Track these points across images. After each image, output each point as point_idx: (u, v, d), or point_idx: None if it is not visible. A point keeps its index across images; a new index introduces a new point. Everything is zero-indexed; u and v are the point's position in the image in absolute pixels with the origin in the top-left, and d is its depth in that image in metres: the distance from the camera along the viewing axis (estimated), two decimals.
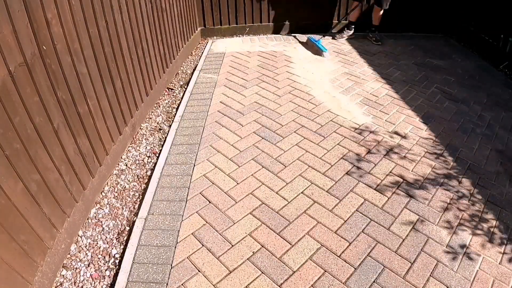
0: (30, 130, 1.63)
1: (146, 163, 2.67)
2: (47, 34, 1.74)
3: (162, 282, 1.81)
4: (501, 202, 2.32)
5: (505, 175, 2.55)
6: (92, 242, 2.07)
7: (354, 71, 3.97)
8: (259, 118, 3.09)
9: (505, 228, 2.14)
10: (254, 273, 1.86)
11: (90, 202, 2.21)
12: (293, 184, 2.41)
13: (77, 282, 1.86)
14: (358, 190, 2.37)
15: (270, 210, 2.22)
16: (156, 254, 1.95)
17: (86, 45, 2.12)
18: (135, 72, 2.84)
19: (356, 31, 5.04)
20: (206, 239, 2.04)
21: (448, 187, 2.42)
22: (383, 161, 2.63)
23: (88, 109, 2.16)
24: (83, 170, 2.11)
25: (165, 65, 3.59)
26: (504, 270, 1.90)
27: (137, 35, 2.85)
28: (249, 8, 4.80)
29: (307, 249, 1.98)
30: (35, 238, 1.65)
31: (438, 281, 1.83)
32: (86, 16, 2.10)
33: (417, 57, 4.37)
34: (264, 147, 2.75)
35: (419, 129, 3.01)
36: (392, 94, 3.53)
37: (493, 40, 4.33)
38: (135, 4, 2.81)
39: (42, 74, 1.71)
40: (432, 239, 2.05)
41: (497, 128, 3.06)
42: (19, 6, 1.54)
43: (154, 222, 2.14)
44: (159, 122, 3.16)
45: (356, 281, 1.82)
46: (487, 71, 4.07)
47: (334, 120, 3.09)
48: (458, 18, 4.86)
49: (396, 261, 1.92)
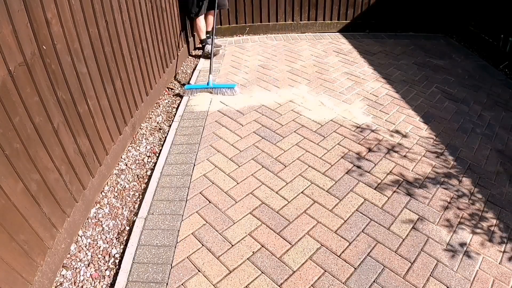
0: (30, 130, 1.63)
1: (146, 163, 2.67)
2: (47, 34, 1.74)
3: (162, 282, 1.81)
4: (501, 202, 2.32)
5: (505, 175, 2.55)
6: (92, 242, 2.07)
7: (354, 70, 3.97)
8: (259, 118, 3.09)
9: (505, 227, 2.14)
10: (254, 273, 1.86)
11: (90, 202, 2.21)
12: (293, 184, 2.41)
13: (77, 282, 1.86)
14: (358, 190, 2.37)
15: (270, 210, 2.22)
16: (156, 254, 1.95)
17: (86, 45, 2.12)
18: (135, 71, 2.84)
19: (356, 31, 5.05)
20: (206, 239, 2.04)
21: (448, 186, 2.42)
22: (383, 160, 2.63)
23: (88, 108, 2.16)
24: (83, 170, 2.11)
25: (165, 65, 3.58)
26: (504, 270, 1.90)
27: (137, 35, 2.85)
28: (249, 8, 4.81)
29: (307, 249, 1.98)
30: (35, 238, 1.65)
31: (438, 281, 1.82)
32: (86, 15, 2.10)
33: (417, 57, 4.37)
34: (264, 147, 2.75)
35: (419, 128, 3.01)
36: (392, 94, 3.52)
37: (493, 40, 4.33)
38: (135, 4, 2.81)
39: (42, 74, 1.71)
40: (432, 239, 2.05)
41: (497, 128, 3.06)
42: (19, 6, 1.54)
43: (154, 222, 2.14)
44: (159, 121, 3.16)
45: (356, 281, 1.82)
46: (487, 71, 4.07)
47: (334, 119, 3.09)
48: (458, 18, 4.86)
49: (396, 261, 1.92)
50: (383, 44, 4.71)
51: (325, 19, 5.00)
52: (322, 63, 4.14)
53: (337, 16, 4.98)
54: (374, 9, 4.92)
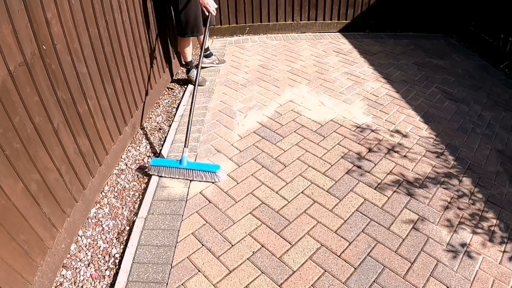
0: (30, 130, 1.63)
1: (146, 162, 2.67)
2: (47, 34, 1.74)
3: (162, 282, 1.81)
4: (501, 202, 2.32)
5: (505, 175, 2.55)
6: (92, 241, 2.07)
7: (354, 70, 3.97)
8: (259, 118, 3.09)
9: (505, 227, 2.14)
10: (254, 273, 1.86)
11: (90, 202, 2.21)
12: (293, 184, 2.41)
13: (77, 282, 1.86)
14: (358, 190, 2.37)
15: (270, 209, 2.22)
16: (156, 254, 1.95)
17: (86, 45, 2.12)
18: (135, 71, 2.84)
19: (356, 31, 5.05)
20: (206, 238, 2.04)
21: (448, 186, 2.42)
22: (383, 160, 2.63)
23: (88, 108, 2.16)
24: (83, 170, 2.11)
25: (165, 64, 3.58)
26: (504, 270, 1.90)
27: (137, 35, 2.85)
28: (249, 8, 4.80)
29: (307, 249, 1.98)
30: (35, 237, 1.65)
31: (438, 281, 1.82)
32: (86, 15, 2.10)
33: (417, 56, 4.37)
34: (264, 147, 2.75)
35: (419, 128, 3.01)
36: (392, 93, 3.52)
37: (493, 39, 4.33)
38: (135, 4, 2.81)
39: (42, 74, 1.71)
40: (432, 239, 2.05)
41: (497, 128, 3.06)
42: (19, 6, 1.54)
43: (154, 222, 2.14)
44: (159, 121, 3.16)
45: (356, 281, 1.82)
46: (487, 71, 4.07)
47: (334, 119, 3.09)
48: (458, 18, 4.86)
49: (396, 261, 1.92)
50: (383, 44, 4.71)
51: (325, 19, 4.99)
52: (322, 63, 4.14)
53: (337, 16, 4.98)
54: (374, 9, 4.92)
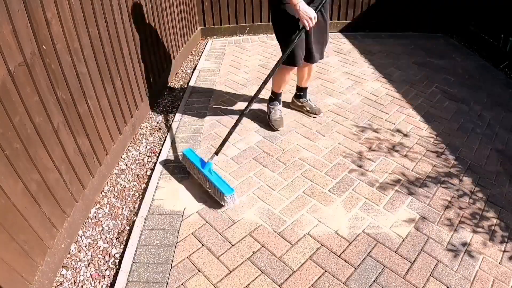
0: (30, 130, 1.63)
1: (146, 162, 2.67)
2: (47, 34, 1.74)
3: (162, 281, 1.81)
4: (501, 201, 2.32)
5: (505, 174, 2.55)
6: (92, 241, 2.07)
7: (354, 70, 3.96)
8: (259, 118, 3.09)
9: (506, 227, 2.14)
10: (254, 273, 1.86)
11: (90, 202, 2.21)
12: (293, 184, 2.41)
13: (77, 282, 1.86)
14: (358, 190, 2.37)
15: (270, 209, 2.22)
16: (156, 254, 1.95)
17: (86, 45, 2.12)
18: (135, 71, 2.84)
19: (356, 31, 5.05)
20: (206, 238, 2.04)
21: (449, 186, 2.42)
22: (384, 160, 2.63)
23: (88, 108, 2.16)
24: (83, 170, 2.11)
25: (166, 64, 3.58)
26: (504, 270, 1.89)
27: (137, 35, 2.85)
28: (249, 8, 4.80)
29: (307, 249, 1.98)
30: (35, 237, 1.65)
31: (438, 281, 1.82)
32: (86, 15, 2.10)
33: (417, 56, 4.37)
34: (264, 147, 2.75)
35: (419, 128, 3.01)
36: (392, 93, 3.52)
37: (493, 39, 4.33)
38: (135, 4, 2.81)
39: (42, 74, 1.71)
40: (432, 239, 2.05)
41: (497, 128, 3.06)
42: (19, 5, 1.54)
43: (154, 222, 2.14)
44: (159, 121, 3.15)
45: (356, 281, 1.82)
46: (487, 71, 4.07)
47: (334, 119, 3.09)
48: (458, 18, 4.86)
49: (396, 261, 1.92)
50: (383, 44, 4.71)
51: None
52: (322, 62, 4.13)
53: (337, 16, 4.98)
54: (374, 9, 4.92)
